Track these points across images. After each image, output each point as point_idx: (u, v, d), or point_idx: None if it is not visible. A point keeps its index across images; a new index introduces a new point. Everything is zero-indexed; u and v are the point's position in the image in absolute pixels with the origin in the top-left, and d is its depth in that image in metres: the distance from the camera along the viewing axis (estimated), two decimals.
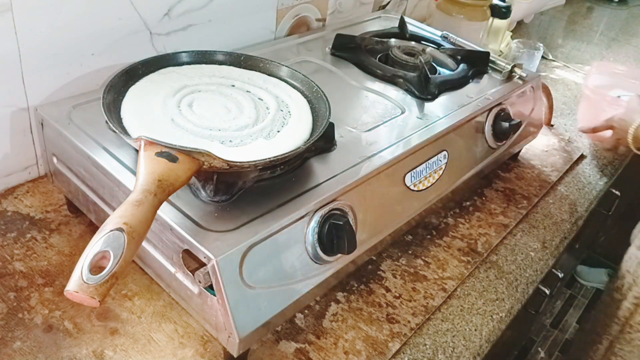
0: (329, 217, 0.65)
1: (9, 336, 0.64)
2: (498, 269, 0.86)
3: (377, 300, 0.76)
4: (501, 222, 0.94)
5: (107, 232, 0.48)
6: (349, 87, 0.91)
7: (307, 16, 1.18)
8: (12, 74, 0.77)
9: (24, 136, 0.82)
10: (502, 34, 1.41)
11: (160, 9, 0.89)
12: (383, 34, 1.10)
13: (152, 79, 0.75)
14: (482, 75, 1.01)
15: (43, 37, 0.77)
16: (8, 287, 0.69)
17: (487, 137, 0.93)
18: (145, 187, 0.52)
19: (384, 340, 0.71)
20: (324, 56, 1.00)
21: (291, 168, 0.69)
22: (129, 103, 0.70)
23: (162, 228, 0.61)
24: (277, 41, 1.06)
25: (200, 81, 0.77)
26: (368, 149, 0.76)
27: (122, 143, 0.69)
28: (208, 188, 0.63)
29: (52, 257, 0.74)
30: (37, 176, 0.87)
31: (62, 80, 0.82)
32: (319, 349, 0.68)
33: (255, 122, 0.71)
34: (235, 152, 0.65)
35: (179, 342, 0.66)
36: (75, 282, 0.45)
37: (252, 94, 0.77)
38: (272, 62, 0.84)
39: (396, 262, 0.83)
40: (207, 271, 0.57)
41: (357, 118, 0.82)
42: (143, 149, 0.56)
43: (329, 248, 0.65)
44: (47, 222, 0.79)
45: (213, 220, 0.61)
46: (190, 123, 0.69)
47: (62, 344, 0.64)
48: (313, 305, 0.74)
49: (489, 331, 0.76)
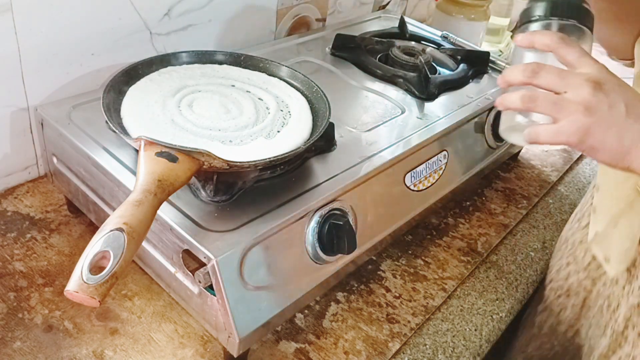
0: (329, 217, 0.65)
1: (9, 336, 0.64)
2: (498, 269, 0.86)
3: (377, 300, 0.76)
4: (501, 222, 0.94)
5: (107, 232, 0.48)
6: (349, 87, 0.91)
7: (307, 16, 1.17)
8: (12, 74, 0.77)
9: (24, 136, 0.82)
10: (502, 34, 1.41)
11: (160, 9, 0.89)
12: (383, 34, 1.10)
13: (152, 79, 0.75)
14: (482, 75, 1.01)
15: (43, 37, 0.77)
16: (8, 287, 0.69)
17: (487, 137, 0.93)
18: (145, 187, 0.52)
19: (384, 340, 0.71)
20: (324, 56, 1.00)
21: (291, 168, 0.69)
22: (129, 103, 0.70)
23: (162, 228, 0.61)
24: (277, 41, 1.05)
25: (200, 81, 0.77)
26: (368, 149, 0.76)
27: (122, 143, 0.69)
28: (208, 188, 0.63)
29: (52, 257, 0.74)
30: (37, 176, 0.87)
31: (62, 80, 0.82)
32: (319, 349, 0.68)
33: (255, 122, 0.71)
34: (235, 152, 0.64)
35: (179, 342, 0.66)
36: (75, 282, 0.45)
37: (252, 94, 0.77)
38: (272, 62, 0.84)
39: (396, 262, 0.83)
40: (207, 271, 0.57)
41: (357, 118, 0.82)
42: (143, 149, 0.56)
43: (329, 248, 0.65)
44: (47, 222, 0.79)
45: (213, 220, 0.61)
46: (190, 123, 0.69)
47: (62, 344, 0.64)
48: (313, 305, 0.74)
49: (489, 331, 0.76)
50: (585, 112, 0.47)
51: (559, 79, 0.49)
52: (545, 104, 0.49)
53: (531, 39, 0.51)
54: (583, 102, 0.47)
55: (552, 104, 0.49)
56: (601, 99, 0.47)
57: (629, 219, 0.63)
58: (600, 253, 0.69)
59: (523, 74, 0.50)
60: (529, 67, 0.50)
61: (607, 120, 0.47)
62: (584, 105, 0.47)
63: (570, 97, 0.48)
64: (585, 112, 0.47)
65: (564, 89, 0.48)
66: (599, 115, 0.47)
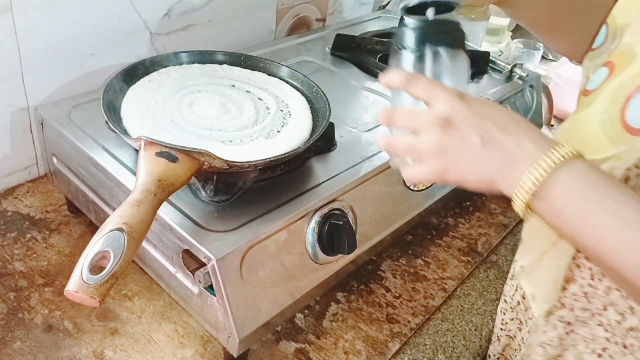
0: (329, 217, 0.65)
1: (9, 336, 0.64)
2: (498, 269, 0.86)
3: (377, 300, 0.76)
4: (501, 222, 0.94)
5: (107, 232, 0.48)
6: (349, 87, 0.91)
7: (307, 16, 1.17)
8: (12, 74, 0.77)
9: (24, 136, 0.82)
10: (502, 34, 1.41)
11: (160, 9, 0.89)
12: (383, 34, 1.10)
13: (152, 79, 0.75)
14: (482, 75, 1.01)
15: (43, 37, 0.77)
16: (8, 287, 0.69)
17: None
18: (145, 187, 0.52)
19: (384, 340, 0.71)
20: (324, 56, 1.00)
21: (291, 168, 0.69)
22: (129, 103, 0.70)
23: (162, 228, 0.61)
24: (277, 41, 1.06)
25: (200, 81, 0.77)
26: (368, 149, 0.76)
27: (122, 143, 0.69)
28: (208, 188, 0.63)
29: (52, 257, 0.74)
30: (37, 176, 0.87)
31: (62, 80, 0.82)
32: (319, 349, 0.68)
33: (255, 122, 0.71)
34: (235, 152, 0.64)
35: (179, 342, 0.66)
36: (75, 282, 0.45)
37: (252, 94, 0.77)
38: (272, 62, 0.84)
39: (396, 262, 0.83)
40: (207, 271, 0.57)
41: (357, 118, 0.82)
42: (143, 149, 0.56)
43: (329, 248, 0.65)
44: (47, 222, 0.79)
45: (213, 220, 0.61)
46: (190, 123, 0.69)
47: (62, 344, 0.64)
48: (313, 305, 0.74)
49: (489, 331, 0.76)
50: (438, 153, 0.46)
51: (411, 120, 0.48)
52: (403, 149, 0.49)
53: (386, 81, 0.51)
54: (434, 143, 0.46)
55: (408, 148, 0.49)
56: (452, 135, 0.46)
57: (554, 256, 0.57)
58: (529, 289, 0.62)
59: (383, 119, 0.51)
60: (385, 111, 0.50)
61: (462, 155, 0.46)
62: (435, 146, 0.46)
63: (423, 139, 0.47)
64: (438, 153, 0.46)
65: (417, 130, 0.48)
66: (453, 153, 0.46)
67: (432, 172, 0.47)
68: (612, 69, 0.51)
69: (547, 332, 0.59)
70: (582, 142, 0.50)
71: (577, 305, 0.55)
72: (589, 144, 0.49)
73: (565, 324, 0.57)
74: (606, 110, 0.49)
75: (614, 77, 0.50)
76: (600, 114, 0.50)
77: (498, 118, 0.46)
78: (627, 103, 0.48)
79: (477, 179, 0.47)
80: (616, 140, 0.48)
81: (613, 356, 0.54)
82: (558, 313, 0.57)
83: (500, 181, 0.46)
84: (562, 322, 0.57)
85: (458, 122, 0.46)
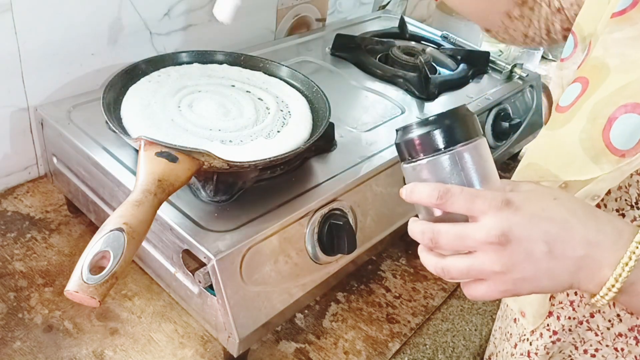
0: (329, 217, 0.65)
1: (9, 336, 0.64)
2: None
3: (377, 300, 0.76)
4: None
5: (107, 232, 0.48)
6: (349, 87, 0.91)
7: (307, 16, 1.17)
8: (12, 74, 0.77)
9: (24, 136, 0.82)
10: None
11: (160, 9, 0.89)
12: (383, 34, 1.10)
13: (152, 78, 0.75)
14: (482, 75, 1.01)
15: (43, 37, 0.77)
16: (8, 287, 0.69)
17: (487, 137, 0.93)
18: (145, 187, 0.52)
19: (384, 340, 0.71)
20: (324, 56, 1.00)
21: (291, 168, 0.69)
22: (129, 103, 0.70)
23: (162, 228, 0.61)
24: (277, 41, 1.05)
25: (200, 81, 0.77)
26: (368, 149, 0.76)
27: (122, 143, 0.69)
28: (208, 188, 0.63)
29: (52, 257, 0.74)
30: (37, 176, 0.87)
31: (62, 80, 0.82)
32: (319, 349, 0.68)
33: (255, 122, 0.71)
34: (235, 152, 0.64)
35: (179, 342, 0.66)
36: (75, 282, 0.45)
37: (252, 94, 0.77)
38: (272, 62, 0.84)
39: (396, 262, 0.83)
40: (207, 271, 0.57)
41: (357, 118, 0.82)
42: (143, 149, 0.56)
43: (329, 248, 0.65)
44: (47, 222, 0.79)
45: (213, 220, 0.61)
46: (190, 123, 0.69)
47: (62, 344, 0.64)
48: (313, 305, 0.74)
49: (489, 331, 0.76)
50: (503, 273, 0.41)
51: (460, 242, 0.42)
52: (461, 275, 0.43)
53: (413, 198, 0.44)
54: (496, 263, 0.41)
55: (467, 273, 0.42)
56: (513, 250, 0.40)
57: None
58: (515, 305, 0.59)
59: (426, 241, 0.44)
60: (427, 232, 0.43)
61: (531, 270, 0.41)
62: (498, 266, 0.41)
63: (481, 260, 0.41)
64: (504, 273, 0.41)
65: (469, 250, 0.42)
66: (520, 270, 0.40)
67: (501, 291, 0.42)
68: (585, 85, 0.49)
69: (534, 342, 0.59)
70: (561, 162, 0.49)
71: (563, 314, 0.55)
72: (570, 164, 0.48)
73: (551, 333, 0.56)
74: (584, 129, 0.47)
75: (589, 93, 0.48)
76: (579, 133, 0.47)
77: (555, 213, 0.41)
78: (610, 124, 0.45)
79: (552, 286, 0.42)
80: (599, 162, 0.46)
81: (606, 357, 0.54)
82: (544, 322, 0.56)
83: (581, 284, 0.42)
84: (548, 330, 0.56)
85: (515, 234, 0.40)
